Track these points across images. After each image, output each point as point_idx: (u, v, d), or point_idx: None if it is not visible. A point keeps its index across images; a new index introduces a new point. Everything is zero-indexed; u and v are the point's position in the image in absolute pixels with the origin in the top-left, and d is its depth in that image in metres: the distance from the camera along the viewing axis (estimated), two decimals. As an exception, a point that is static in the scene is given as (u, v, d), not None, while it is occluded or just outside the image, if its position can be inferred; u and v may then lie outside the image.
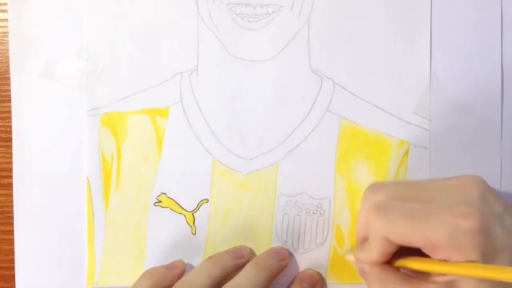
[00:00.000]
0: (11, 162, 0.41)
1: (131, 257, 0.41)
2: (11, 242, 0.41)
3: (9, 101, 0.41)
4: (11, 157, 0.41)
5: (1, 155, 0.42)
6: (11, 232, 0.41)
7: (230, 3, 0.41)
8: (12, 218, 0.41)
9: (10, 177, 0.41)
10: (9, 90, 0.41)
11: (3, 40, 0.42)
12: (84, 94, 0.41)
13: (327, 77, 0.41)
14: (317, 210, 0.41)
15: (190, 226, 0.41)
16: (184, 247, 0.41)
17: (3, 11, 0.41)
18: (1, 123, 0.42)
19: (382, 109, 0.41)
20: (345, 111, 0.41)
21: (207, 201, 0.41)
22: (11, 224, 0.41)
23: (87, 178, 0.41)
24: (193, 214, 0.41)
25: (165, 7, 0.41)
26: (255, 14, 0.41)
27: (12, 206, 0.41)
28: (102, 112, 0.41)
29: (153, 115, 0.41)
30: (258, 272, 0.38)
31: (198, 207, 0.41)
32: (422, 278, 0.33)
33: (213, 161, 0.41)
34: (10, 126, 0.41)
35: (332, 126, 0.41)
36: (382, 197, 0.34)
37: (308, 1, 0.41)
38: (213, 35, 0.41)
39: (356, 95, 0.41)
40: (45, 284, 0.41)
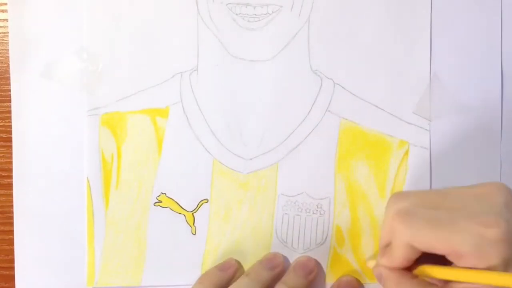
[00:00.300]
0: (11, 162, 0.41)
1: (131, 257, 0.41)
2: (11, 242, 0.41)
3: (9, 101, 0.41)
4: (11, 157, 0.41)
5: (1, 155, 0.42)
6: (11, 232, 0.41)
7: (230, 3, 0.41)
8: (12, 218, 0.41)
9: (10, 177, 0.41)
10: (9, 90, 0.41)
11: (3, 40, 0.42)
12: (84, 94, 0.41)
13: (327, 77, 0.41)
14: (317, 210, 0.41)
15: (190, 226, 0.41)
16: (184, 247, 0.41)
17: (3, 11, 0.41)
18: (1, 123, 0.42)
19: (382, 109, 0.41)
20: (345, 111, 0.41)
21: (207, 201, 0.41)
22: (11, 224, 0.41)
23: (87, 178, 0.41)
24: (193, 214, 0.41)
25: (165, 7, 0.41)
26: (255, 14, 0.41)
27: (12, 206, 0.41)
28: (102, 112, 0.41)
29: (153, 115, 0.41)
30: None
31: (198, 207, 0.41)
32: (441, 286, 0.34)
33: (213, 161, 0.41)
34: (10, 126, 0.41)
35: (332, 126, 0.41)
36: (407, 205, 0.34)
37: (308, 1, 0.41)
38: (213, 35, 0.41)
39: (356, 95, 0.41)
40: (45, 284, 0.41)
